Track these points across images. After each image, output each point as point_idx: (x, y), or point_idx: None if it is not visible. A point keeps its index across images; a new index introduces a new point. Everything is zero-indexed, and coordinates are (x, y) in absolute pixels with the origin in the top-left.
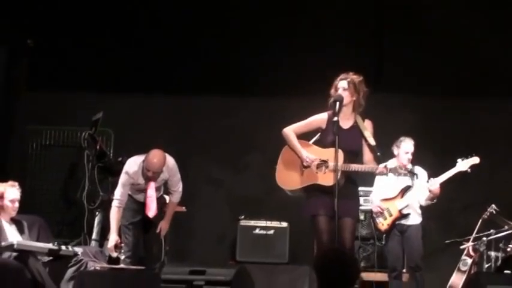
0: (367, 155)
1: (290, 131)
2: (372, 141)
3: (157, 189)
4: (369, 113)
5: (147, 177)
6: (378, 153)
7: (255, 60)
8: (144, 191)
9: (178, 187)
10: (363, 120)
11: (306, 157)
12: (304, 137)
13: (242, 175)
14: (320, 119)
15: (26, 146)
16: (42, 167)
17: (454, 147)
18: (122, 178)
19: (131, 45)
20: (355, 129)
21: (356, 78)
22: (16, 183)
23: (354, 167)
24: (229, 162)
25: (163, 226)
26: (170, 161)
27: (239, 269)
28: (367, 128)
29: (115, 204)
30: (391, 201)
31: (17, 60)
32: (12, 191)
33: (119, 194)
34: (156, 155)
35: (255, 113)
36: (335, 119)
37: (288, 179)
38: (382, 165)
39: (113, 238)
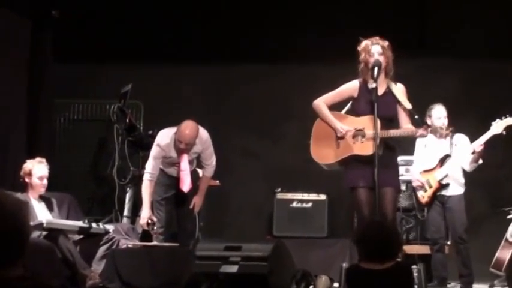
0: (404, 119)
1: (320, 102)
2: (408, 105)
3: (190, 162)
4: (410, 79)
5: (180, 150)
6: (416, 116)
7: (289, 26)
8: (176, 164)
9: (211, 160)
10: (395, 84)
11: (340, 127)
12: (335, 107)
13: (278, 146)
14: (351, 87)
15: (54, 121)
16: (70, 142)
17: (498, 112)
18: (153, 151)
19: (160, 14)
20: (389, 94)
21: (385, 42)
22: (44, 160)
23: (392, 132)
24: (264, 133)
25: (196, 201)
26: (203, 133)
27: (276, 244)
28: (401, 91)
29: (146, 178)
30: (430, 173)
31: (42, 32)
32: (40, 168)
33: (150, 167)
34: (188, 126)
35: (290, 80)
36: (373, 85)
37: (323, 153)
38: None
39: (145, 214)
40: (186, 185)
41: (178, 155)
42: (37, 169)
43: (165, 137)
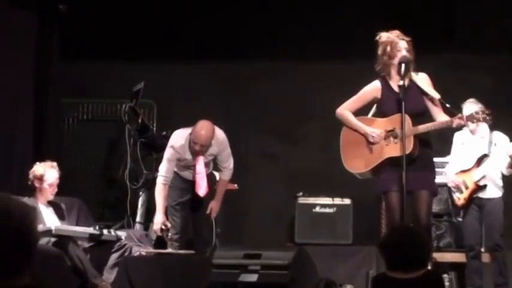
0: (436, 111)
1: (344, 110)
2: (436, 94)
3: (206, 165)
4: (438, 75)
5: (195, 152)
6: (448, 105)
7: (311, 22)
8: (191, 167)
9: (229, 163)
10: (416, 74)
11: (370, 132)
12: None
13: (299, 147)
14: (373, 88)
15: (61, 122)
16: (79, 143)
17: None
18: (167, 153)
19: (173, 9)
20: (413, 87)
21: (407, 37)
22: (55, 164)
23: (425, 127)
24: (284, 134)
25: (213, 206)
26: (219, 133)
27: (298, 252)
28: (425, 81)
29: (160, 181)
30: (467, 173)
31: (48, 27)
32: (52, 173)
33: (164, 170)
34: (204, 126)
35: (310, 78)
36: (400, 82)
37: (356, 162)
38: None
39: (158, 219)
40: (202, 189)
41: (194, 157)
42: (49, 174)
43: (179, 138)
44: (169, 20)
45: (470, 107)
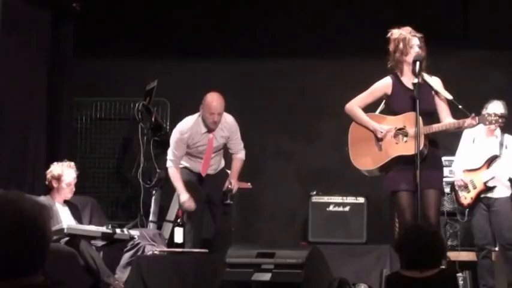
0: (445, 112)
1: (353, 105)
2: (448, 95)
3: (218, 150)
4: (453, 73)
5: (213, 122)
6: (460, 106)
7: (323, 19)
8: (202, 154)
9: (241, 145)
10: (430, 76)
11: (379, 128)
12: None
13: (312, 145)
14: (384, 84)
15: (74, 120)
16: (92, 142)
17: None
18: (174, 137)
19: (187, 7)
20: (425, 86)
21: (420, 34)
22: (73, 164)
23: (438, 126)
24: (297, 132)
25: (233, 182)
26: (228, 116)
27: (312, 251)
28: (438, 84)
29: (170, 165)
30: (475, 173)
31: (62, 25)
32: (70, 173)
33: (171, 154)
34: (213, 96)
35: (324, 75)
36: (415, 80)
37: (364, 158)
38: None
39: (184, 197)
40: (205, 169)
41: (211, 128)
42: (67, 174)
43: (185, 122)
44: (183, 18)
45: (493, 107)
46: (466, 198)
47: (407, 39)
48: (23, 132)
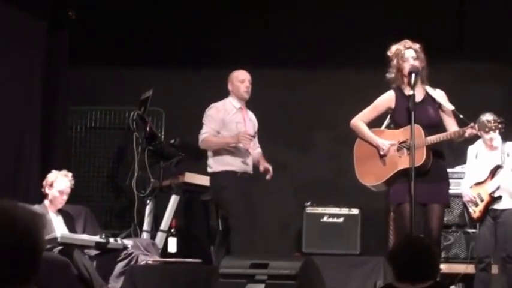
0: (450, 123)
1: (358, 121)
2: (450, 106)
3: (251, 135)
4: (447, 85)
5: (245, 91)
6: (461, 116)
7: (318, 30)
8: (241, 144)
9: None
10: (434, 90)
11: (381, 144)
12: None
13: (307, 156)
14: (387, 98)
15: (69, 129)
16: (86, 151)
17: None
18: (209, 113)
19: (182, 16)
20: (429, 99)
21: (417, 45)
22: (69, 174)
23: (436, 137)
24: (292, 142)
25: (265, 163)
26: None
27: (305, 262)
28: (441, 97)
29: (203, 135)
30: (481, 185)
31: (57, 33)
32: (63, 181)
33: (205, 127)
34: (239, 70)
35: (320, 86)
36: (410, 92)
37: (369, 174)
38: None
39: (234, 138)
40: (249, 143)
41: (245, 97)
42: (59, 182)
43: (217, 103)
44: (179, 27)
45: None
46: (475, 212)
47: (401, 54)
48: (18, 140)
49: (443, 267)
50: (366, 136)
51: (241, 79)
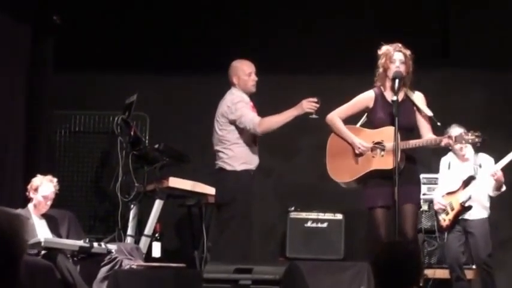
0: (425, 128)
1: (335, 117)
2: (428, 112)
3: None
4: (433, 91)
5: (253, 85)
6: (438, 123)
7: (303, 35)
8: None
9: None
10: (413, 92)
11: (358, 144)
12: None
13: (291, 161)
14: (366, 97)
15: (53, 133)
16: (71, 155)
17: None
18: (243, 104)
19: (166, 21)
20: (407, 102)
21: (408, 51)
22: (55, 180)
23: (414, 142)
24: (276, 147)
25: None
26: None
27: (289, 267)
28: (420, 99)
29: (256, 120)
30: (453, 195)
31: (42, 39)
32: (47, 187)
33: (252, 115)
34: (240, 59)
35: (304, 91)
36: (394, 98)
37: (341, 171)
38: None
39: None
40: None
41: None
42: (44, 187)
43: (237, 93)
44: (163, 32)
45: (455, 131)
46: (445, 220)
47: (390, 54)
48: (1, 145)
49: (427, 273)
50: (342, 133)
51: (248, 72)
